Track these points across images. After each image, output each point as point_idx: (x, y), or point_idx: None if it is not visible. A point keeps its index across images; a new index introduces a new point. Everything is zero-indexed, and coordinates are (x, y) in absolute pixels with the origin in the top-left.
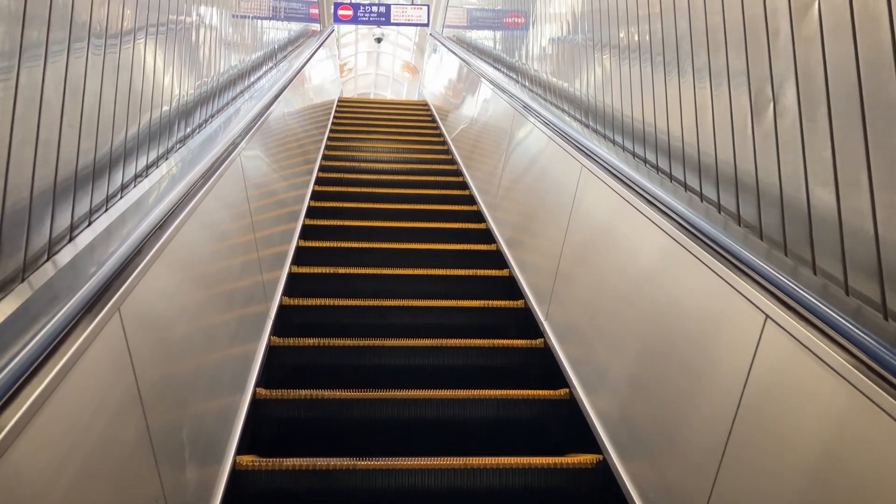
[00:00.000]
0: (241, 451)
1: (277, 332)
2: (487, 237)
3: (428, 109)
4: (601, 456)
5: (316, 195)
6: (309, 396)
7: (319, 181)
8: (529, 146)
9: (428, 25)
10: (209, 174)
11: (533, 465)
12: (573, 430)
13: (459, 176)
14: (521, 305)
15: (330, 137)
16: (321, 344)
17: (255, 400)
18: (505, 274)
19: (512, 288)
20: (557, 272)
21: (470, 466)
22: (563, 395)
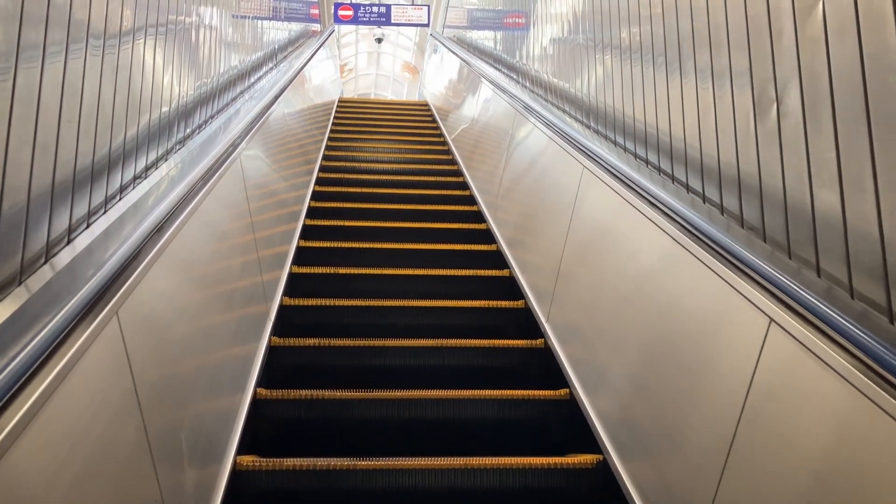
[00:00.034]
0: (241, 450)
1: (278, 332)
2: (488, 237)
3: (428, 110)
4: (601, 456)
5: (316, 195)
6: (309, 396)
7: (320, 181)
8: (530, 147)
9: (428, 26)
10: (209, 175)
11: (533, 465)
12: (573, 430)
13: (460, 176)
14: (521, 306)
15: (330, 138)
16: (321, 344)
17: (255, 400)
18: (505, 274)
19: (512, 288)
20: (559, 273)
21: (470, 467)
22: (563, 395)
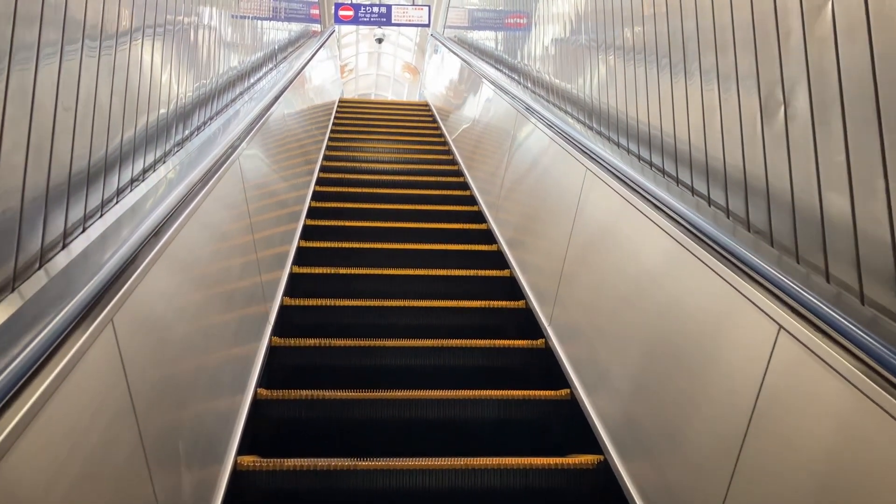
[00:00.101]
0: (242, 451)
1: (278, 332)
2: (488, 237)
3: (429, 110)
4: (602, 456)
5: (317, 195)
6: (310, 397)
7: (321, 181)
8: (532, 148)
9: (429, 26)
10: (208, 177)
11: (534, 465)
12: (574, 430)
13: (460, 176)
14: (521, 306)
15: (331, 138)
16: (322, 344)
17: (255, 400)
18: (506, 274)
19: (513, 288)
20: (562, 275)
21: (471, 467)
22: (564, 395)
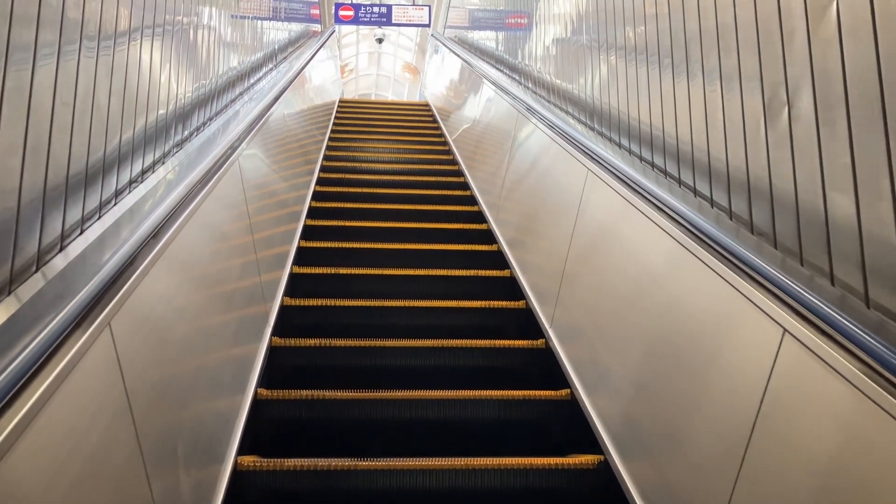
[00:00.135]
0: (242, 451)
1: (278, 332)
2: (489, 237)
3: (429, 110)
4: (602, 457)
5: (317, 195)
6: (310, 397)
7: (321, 181)
8: (533, 148)
9: (429, 26)
10: (207, 178)
11: (534, 465)
12: (574, 430)
13: (461, 176)
14: (522, 306)
15: (331, 138)
16: (322, 344)
17: (256, 400)
18: (506, 274)
19: (513, 288)
20: (563, 275)
21: (471, 467)
22: (564, 395)
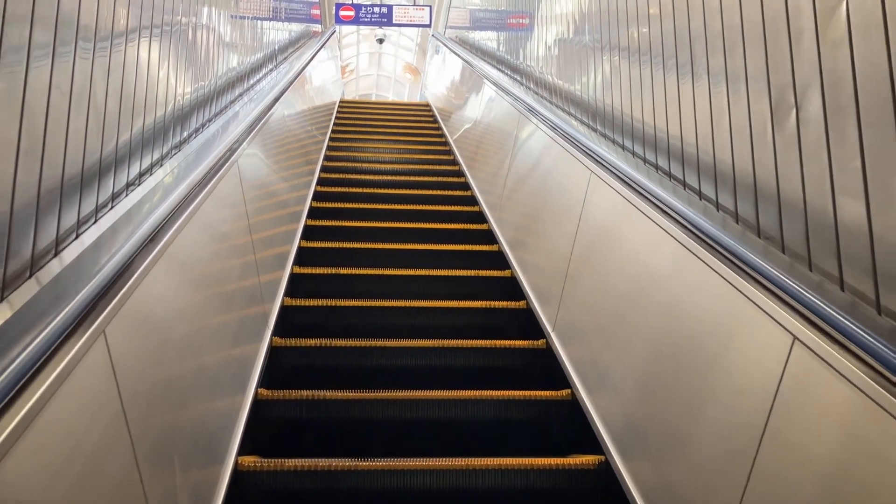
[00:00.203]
0: (242, 451)
1: (279, 332)
2: (489, 238)
3: (430, 111)
4: (603, 457)
5: (318, 196)
6: (310, 397)
7: (322, 182)
8: (535, 149)
9: (430, 26)
10: (206, 180)
11: (535, 465)
12: (575, 430)
13: (461, 177)
14: (522, 306)
15: (332, 138)
16: (323, 345)
17: (256, 401)
18: (507, 275)
19: (514, 288)
20: (566, 276)
21: (472, 467)
22: (565, 395)
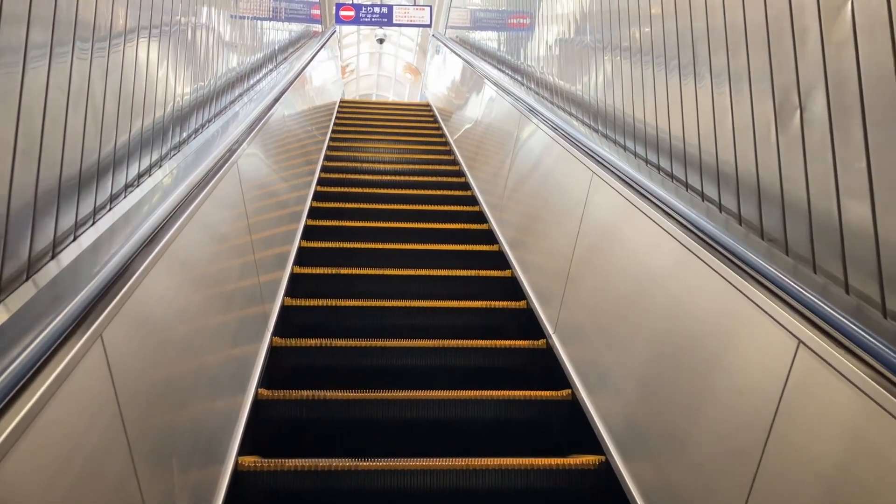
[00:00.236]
0: (243, 451)
1: (279, 332)
2: (490, 238)
3: (430, 111)
4: (603, 457)
5: (318, 196)
6: (311, 397)
7: (322, 182)
8: (536, 149)
9: (430, 26)
10: (205, 181)
11: (535, 465)
12: (575, 430)
13: (462, 177)
14: (523, 306)
15: (332, 138)
16: (323, 345)
17: (256, 401)
18: (507, 275)
19: (514, 288)
20: (568, 277)
21: (472, 467)
22: (565, 395)
